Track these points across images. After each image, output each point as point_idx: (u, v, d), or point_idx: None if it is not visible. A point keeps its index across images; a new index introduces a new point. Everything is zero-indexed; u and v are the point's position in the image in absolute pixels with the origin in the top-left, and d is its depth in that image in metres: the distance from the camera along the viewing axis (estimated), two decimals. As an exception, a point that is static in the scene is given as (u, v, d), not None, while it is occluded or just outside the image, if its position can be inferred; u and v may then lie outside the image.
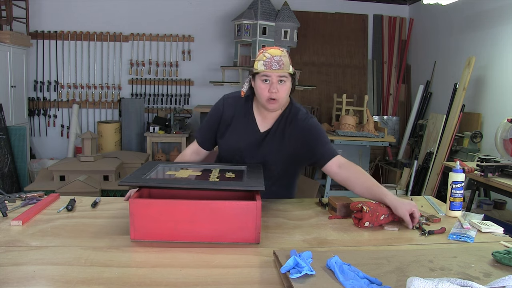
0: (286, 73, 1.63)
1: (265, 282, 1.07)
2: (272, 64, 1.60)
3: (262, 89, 1.65)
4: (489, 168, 2.61)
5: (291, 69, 1.65)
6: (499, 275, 1.07)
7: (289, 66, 1.64)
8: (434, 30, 4.97)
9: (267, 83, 1.63)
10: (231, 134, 1.79)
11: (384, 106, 5.51)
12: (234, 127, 1.78)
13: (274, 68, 1.60)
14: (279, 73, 1.62)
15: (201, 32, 5.16)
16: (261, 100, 1.69)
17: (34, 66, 4.95)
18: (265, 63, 1.61)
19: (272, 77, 1.62)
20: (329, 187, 4.40)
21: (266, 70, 1.61)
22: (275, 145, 1.76)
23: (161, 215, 1.30)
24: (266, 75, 1.62)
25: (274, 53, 1.62)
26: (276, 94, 1.63)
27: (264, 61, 1.62)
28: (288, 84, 1.67)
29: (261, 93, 1.66)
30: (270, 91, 1.63)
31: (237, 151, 1.78)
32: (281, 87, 1.64)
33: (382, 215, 1.49)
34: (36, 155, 5.00)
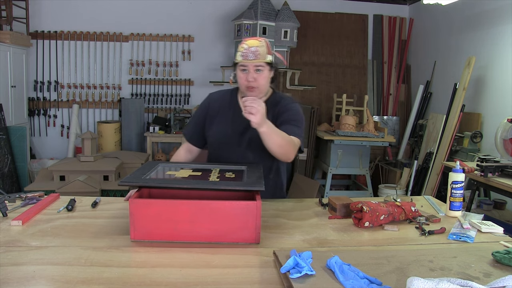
0: (263, 63, 1.73)
1: (265, 282, 1.07)
2: (248, 54, 1.71)
3: (241, 78, 1.77)
4: (489, 168, 2.61)
5: (268, 58, 1.75)
6: (499, 275, 1.07)
7: (265, 56, 1.74)
8: (434, 30, 4.97)
9: (245, 73, 1.75)
10: (218, 124, 1.87)
11: (384, 106, 5.51)
12: (221, 118, 1.87)
13: (250, 58, 1.71)
14: (255, 63, 1.72)
15: (201, 32, 5.16)
16: (241, 88, 1.81)
17: (34, 66, 4.95)
18: (242, 54, 1.73)
19: (249, 66, 1.73)
20: (329, 187, 4.41)
21: (243, 61, 1.72)
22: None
23: (161, 215, 1.30)
24: (243, 65, 1.74)
25: (251, 43, 1.73)
26: (253, 82, 1.74)
27: (241, 52, 1.73)
28: (266, 73, 1.77)
29: (240, 82, 1.79)
30: (248, 79, 1.74)
31: (224, 138, 1.85)
32: (258, 76, 1.74)
33: (382, 215, 1.49)
34: (36, 155, 5.00)
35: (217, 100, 1.92)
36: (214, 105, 1.91)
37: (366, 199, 1.66)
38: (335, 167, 4.36)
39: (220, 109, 1.89)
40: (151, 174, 1.52)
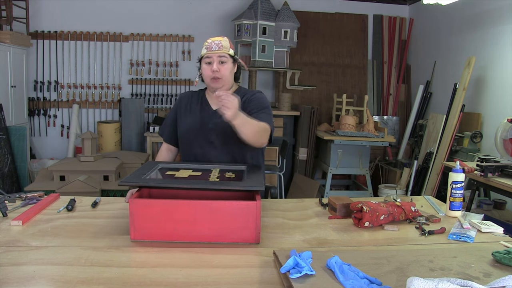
0: (226, 54, 1.84)
1: (265, 282, 1.07)
2: (212, 46, 1.83)
3: (206, 70, 1.85)
4: (489, 168, 2.61)
5: (231, 51, 1.87)
6: (499, 275, 1.07)
7: (228, 49, 1.85)
8: (434, 30, 4.97)
9: (210, 65, 1.84)
10: (187, 120, 1.94)
11: (384, 106, 5.51)
12: (189, 113, 1.95)
13: (214, 50, 1.83)
14: (219, 54, 1.83)
15: (201, 32, 5.16)
16: (206, 81, 1.88)
17: (34, 66, 4.95)
18: (207, 47, 1.85)
19: (213, 57, 1.83)
20: (329, 187, 4.41)
21: (207, 52, 1.83)
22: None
23: (161, 215, 1.30)
24: (208, 56, 1.83)
25: (214, 38, 1.87)
26: (218, 73, 1.82)
27: (206, 46, 1.86)
28: (229, 65, 1.86)
29: (205, 74, 1.86)
30: (212, 70, 1.82)
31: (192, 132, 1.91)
32: (222, 67, 1.84)
33: (382, 215, 1.49)
34: (36, 155, 5.00)
35: (186, 98, 2.01)
36: (184, 103, 1.99)
37: (366, 199, 1.66)
38: (335, 167, 4.36)
39: (189, 106, 1.98)
40: (151, 174, 1.52)
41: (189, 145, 1.93)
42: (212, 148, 1.89)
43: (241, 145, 1.88)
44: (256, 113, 1.85)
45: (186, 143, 1.95)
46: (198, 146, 1.90)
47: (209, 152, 1.89)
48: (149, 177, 1.47)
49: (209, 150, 1.89)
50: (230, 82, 1.92)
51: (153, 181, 1.47)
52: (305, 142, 4.66)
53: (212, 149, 1.89)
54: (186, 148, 1.96)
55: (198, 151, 1.90)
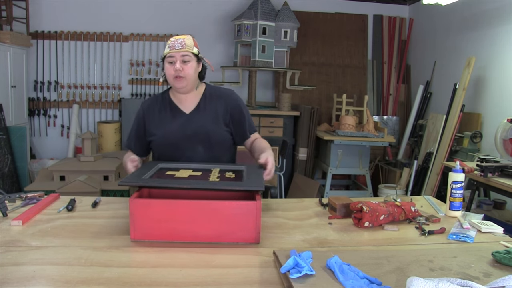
0: (189, 53, 1.78)
1: (265, 282, 1.07)
2: (175, 44, 1.77)
3: (168, 69, 1.80)
4: (489, 168, 2.61)
5: (195, 50, 1.81)
6: (499, 275, 1.07)
7: (192, 47, 1.80)
8: (434, 30, 4.97)
9: (173, 64, 1.79)
10: (161, 127, 1.88)
11: (384, 106, 5.51)
12: (162, 120, 1.89)
13: (177, 48, 1.77)
14: (182, 52, 1.77)
15: (201, 32, 5.15)
16: (170, 81, 1.83)
17: (34, 66, 4.95)
18: (169, 45, 1.79)
19: (175, 56, 1.77)
20: (329, 187, 4.41)
21: (170, 51, 1.77)
22: (205, 121, 1.87)
23: (161, 215, 1.30)
24: (171, 55, 1.78)
25: (178, 37, 1.81)
26: (181, 72, 1.77)
27: (169, 44, 1.79)
28: (193, 63, 1.81)
29: (168, 73, 1.81)
30: (175, 69, 1.77)
31: (172, 138, 1.86)
32: (185, 65, 1.79)
33: (382, 215, 1.49)
34: (36, 155, 5.00)
35: (150, 105, 1.94)
36: (150, 111, 1.92)
37: (366, 199, 1.66)
38: (335, 167, 4.36)
39: (158, 113, 1.90)
40: (151, 174, 1.52)
41: (169, 155, 1.87)
42: (195, 155, 1.85)
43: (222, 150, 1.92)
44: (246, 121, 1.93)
45: (165, 153, 1.88)
46: (180, 156, 1.86)
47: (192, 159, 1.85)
48: (149, 177, 1.47)
49: (191, 157, 1.85)
50: (194, 82, 1.87)
51: (153, 181, 1.47)
52: (305, 142, 4.66)
53: (195, 156, 1.85)
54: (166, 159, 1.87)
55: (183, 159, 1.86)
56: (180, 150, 1.85)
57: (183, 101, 1.91)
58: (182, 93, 1.88)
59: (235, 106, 1.92)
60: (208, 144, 1.86)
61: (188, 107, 1.90)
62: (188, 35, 1.84)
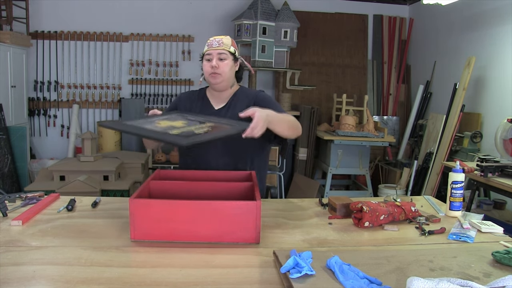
0: (226, 51, 1.87)
1: (265, 282, 1.07)
2: (213, 43, 1.88)
3: (206, 66, 1.88)
4: (489, 168, 2.61)
5: (232, 49, 1.89)
6: (499, 275, 1.07)
7: (229, 46, 1.88)
8: (434, 30, 4.97)
9: (210, 61, 1.87)
10: None
11: (384, 106, 5.51)
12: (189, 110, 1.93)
13: (214, 46, 1.87)
14: (219, 50, 1.86)
15: (201, 32, 5.15)
16: (206, 77, 1.91)
17: (34, 66, 4.95)
18: (208, 44, 1.89)
19: (212, 54, 1.86)
20: (329, 187, 4.41)
21: (208, 49, 1.88)
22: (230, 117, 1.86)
23: (161, 215, 1.30)
24: (208, 53, 1.87)
25: (216, 36, 1.92)
26: (216, 68, 1.85)
27: (207, 43, 1.90)
28: (229, 62, 1.88)
29: (205, 70, 1.89)
30: (211, 66, 1.85)
31: None
32: (221, 63, 1.86)
33: (382, 215, 1.49)
34: (36, 155, 5.00)
35: (186, 98, 2.04)
36: (184, 103, 2.01)
37: (366, 199, 1.66)
38: (335, 167, 4.36)
39: (189, 105, 1.99)
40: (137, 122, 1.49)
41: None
42: (212, 149, 1.87)
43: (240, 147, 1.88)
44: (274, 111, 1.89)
45: None
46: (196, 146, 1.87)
47: (209, 152, 1.88)
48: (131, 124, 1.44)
49: (208, 150, 1.88)
50: (230, 80, 1.92)
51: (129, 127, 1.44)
52: (305, 142, 4.66)
53: (212, 150, 1.87)
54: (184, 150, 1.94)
55: (197, 152, 1.89)
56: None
57: (216, 98, 1.98)
58: (217, 90, 1.95)
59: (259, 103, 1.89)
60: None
61: (218, 104, 1.97)
62: (227, 36, 1.93)
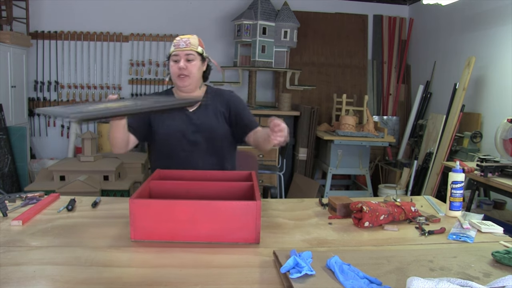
0: (193, 52, 1.82)
1: (265, 282, 1.07)
2: (180, 43, 1.81)
3: (173, 67, 1.83)
4: (489, 168, 2.61)
5: (199, 49, 1.84)
6: (499, 275, 1.07)
7: (197, 46, 1.83)
8: (434, 30, 4.97)
9: (177, 62, 1.82)
10: (163, 121, 1.90)
11: (384, 106, 5.51)
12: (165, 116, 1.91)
13: (182, 47, 1.80)
14: (186, 51, 1.80)
15: (201, 32, 5.09)
16: (173, 79, 1.87)
17: (34, 66, 4.95)
18: (174, 45, 1.83)
19: (180, 55, 1.81)
20: (329, 187, 4.41)
21: (175, 50, 1.81)
22: (208, 117, 1.90)
23: (161, 215, 1.30)
24: (175, 54, 1.82)
25: (183, 36, 1.85)
26: (184, 70, 1.80)
27: (174, 43, 1.83)
28: (197, 63, 1.84)
29: (172, 71, 1.84)
30: (179, 67, 1.80)
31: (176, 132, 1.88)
32: (189, 64, 1.82)
33: (382, 215, 1.49)
34: (36, 155, 5.00)
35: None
36: None
37: (366, 199, 1.66)
38: (335, 167, 4.36)
39: None
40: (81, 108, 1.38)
41: (171, 149, 1.88)
42: (197, 151, 1.87)
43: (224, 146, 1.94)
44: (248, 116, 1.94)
45: (168, 148, 1.89)
46: (181, 150, 1.87)
47: (194, 155, 1.87)
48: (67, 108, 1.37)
49: (193, 153, 1.87)
50: (197, 81, 1.90)
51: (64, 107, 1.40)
52: (305, 142, 4.66)
53: (198, 152, 1.87)
54: (167, 153, 1.89)
55: (182, 154, 1.87)
56: (182, 144, 1.87)
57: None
58: (185, 92, 1.90)
59: (235, 103, 1.97)
60: (210, 139, 1.88)
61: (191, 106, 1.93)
62: (193, 35, 1.87)
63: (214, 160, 1.91)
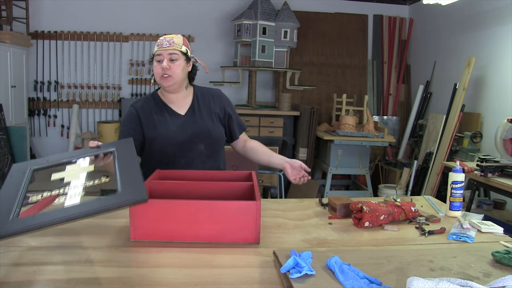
0: (177, 51, 1.76)
1: (265, 282, 1.07)
2: (163, 43, 1.76)
3: (156, 68, 1.78)
4: (489, 168, 2.61)
5: (183, 48, 1.79)
6: (499, 275, 1.07)
7: (181, 46, 1.78)
8: (434, 30, 4.97)
9: (160, 62, 1.77)
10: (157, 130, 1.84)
11: (384, 106, 5.51)
12: (158, 123, 1.85)
13: (165, 46, 1.75)
14: (169, 51, 1.75)
15: (201, 32, 5.15)
16: (157, 79, 1.81)
17: (34, 66, 4.95)
18: (158, 44, 1.78)
19: (163, 55, 1.75)
20: (329, 187, 4.41)
21: (158, 49, 1.76)
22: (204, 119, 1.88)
23: (161, 215, 1.30)
24: (159, 54, 1.76)
25: (167, 36, 1.80)
26: (168, 70, 1.75)
27: (157, 43, 1.79)
28: (181, 62, 1.78)
29: (155, 72, 1.79)
30: (162, 67, 1.75)
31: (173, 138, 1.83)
32: (172, 64, 1.76)
33: (382, 215, 1.49)
34: (36, 155, 5.00)
35: (144, 106, 1.87)
36: (145, 113, 1.85)
37: (366, 199, 1.66)
38: (335, 167, 4.36)
39: (153, 115, 1.85)
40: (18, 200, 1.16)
41: (169, 157, 1.83)
42: (195, 156, 1.85)
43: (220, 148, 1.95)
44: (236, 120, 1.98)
45: (165, 156, 1.84)
46: (181, 156, 1.83)
47: (193, 160, 1.84)
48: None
49: (192, 158, 1.84)
50: (182, 81, 1.83)
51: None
52: (305, 142, 4.66)
53: (196, 156, 1.85)
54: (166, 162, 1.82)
55: (181, 162, 1.83)
56: (182, 151, 1.84)
57: (175, 102, 1.89)
58: (169, 92, 1.86)
59: (228, 103, 1.99)
60: (209, 141, 1.87)
61: (182, 108, 1.89)
62: (178, 34, 1.83)
63: (211, 163, 1.89)
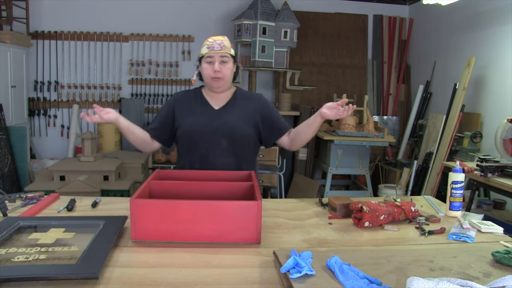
0: (227, 54, 1.86)
1: (265, 282, 1.07)
2: (214, 46, 1.84)
3: (207, 69, 1.86)
4: (489, 168, 2.61)
5: (232, 51, 1.89)
6: (499, 275, 1.07)
7: (230, 49, 1.87)
8: (434, 30, 4.97)
9: (211, 64, 1.85)
10: (189, 116, 1.93)
11: (384, 106, 5.51)
12: (191, 111, 1.94)
13: (216, 49, 1.83)
14: (221, 53, 1.84)
15: (201, 32, 5.15)
16: (207, 80, 1.90)
17: (34, 66, 4.95)
18: (208, 46, 1.85)
19: (214, 57, 1.84)
20: (329, 187, 4.40)
21: (209, 52, 1.84)
22: (232, 117, 1.91)
23: (162, 215, 1.30)
24: (210, 56, 1.84)
25: (216, 38, 1.88)
26: (219, 72, 1.84)
27: (207, 45, 1.86)
28: (230, 64, 1.88)
29: (206, 73, 1.87)
30: (214, 69, 1.84)
31: (197, 126, 1.90)
32: (223, 66, 1.85)
33: (382, 215, 1.49)
34: (36, 155, 5.00)
35: (182, 97, 2.01)
36: (180, 102, 1.98)
37: (366, 199, 1.66)
38: (335, 167, 4.36)
39: (187, 105, 1.97)
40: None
41: (192, 145, 1.91)
42: (217, 149, 1.89)
43: (244, 148, 1.94)
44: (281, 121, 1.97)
45: (189, 143, 1.93)
46: (203, 147, 1.89)
47: (213, 152, 1.89)
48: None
49: (213, 150, 1.89)
50: (230, 82, 1.94)
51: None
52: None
53: (217, 150, 1.89)
54: (188, 149, 1.93)
55: (202, 152, 1.90)
56: (204, 142, 1.89)
57: (215, 98, 1.97)
58: (217, 92, 1.94)
59: (267, 108, 1.99)
60: (231, 138, 1.89)
61: (218, 104, 1.96)
62: (224, 36, 1.91)
63: (232, 160, 1.91)
